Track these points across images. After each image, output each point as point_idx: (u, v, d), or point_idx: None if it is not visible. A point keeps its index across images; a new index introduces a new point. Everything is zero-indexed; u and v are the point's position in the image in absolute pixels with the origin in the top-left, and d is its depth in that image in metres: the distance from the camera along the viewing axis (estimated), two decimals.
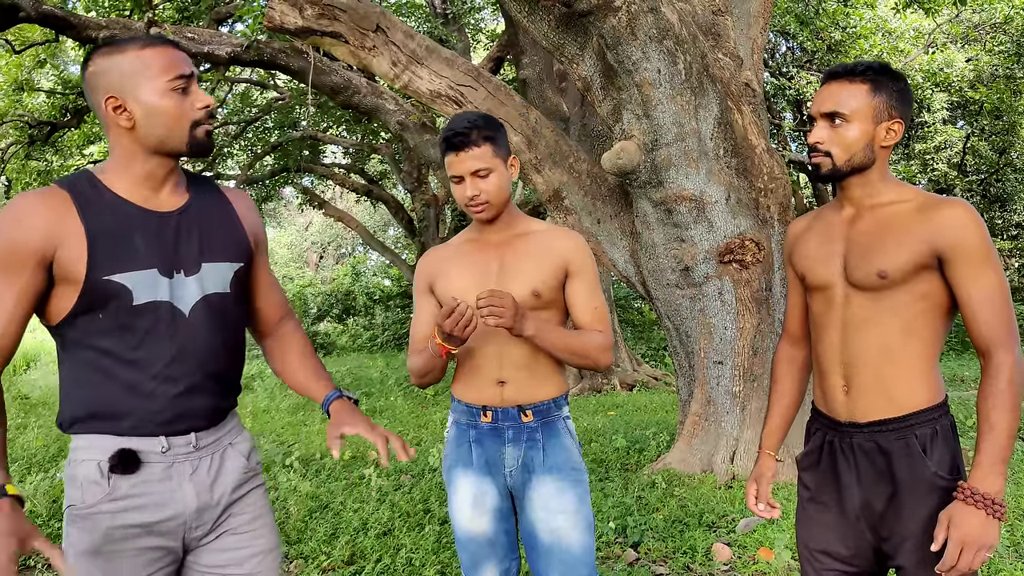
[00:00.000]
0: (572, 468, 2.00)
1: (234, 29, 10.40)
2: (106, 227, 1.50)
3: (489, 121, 1.99)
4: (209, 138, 1.58)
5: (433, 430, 6.78)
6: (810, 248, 1.80)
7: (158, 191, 1.58)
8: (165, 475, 1.54)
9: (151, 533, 1.52)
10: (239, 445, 1.68)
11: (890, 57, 13.39)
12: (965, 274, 1.58)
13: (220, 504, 1.60)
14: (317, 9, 4.76)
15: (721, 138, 4.54)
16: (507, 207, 2.04)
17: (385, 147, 13.03)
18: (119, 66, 1.51)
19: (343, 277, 21.15)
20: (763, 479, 1.96)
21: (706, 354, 4.79)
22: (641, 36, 4.08)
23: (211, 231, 1.62)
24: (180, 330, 1.54)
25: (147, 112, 1.52)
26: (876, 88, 1.66)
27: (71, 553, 1.50)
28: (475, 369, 2.03)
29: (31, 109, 10.79)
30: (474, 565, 2.05)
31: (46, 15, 6.96)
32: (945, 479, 1.61)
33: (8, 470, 1.42)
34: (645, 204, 4.71)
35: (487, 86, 5.14)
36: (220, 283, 1.61)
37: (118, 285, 1.48)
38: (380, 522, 3.96)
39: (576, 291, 2.02)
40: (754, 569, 3.36)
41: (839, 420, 1.73)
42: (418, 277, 2.15)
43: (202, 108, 1.56)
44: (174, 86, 1.52)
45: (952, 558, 1.53)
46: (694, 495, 4.30)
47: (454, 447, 2.09)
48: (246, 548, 1.64)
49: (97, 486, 1.50)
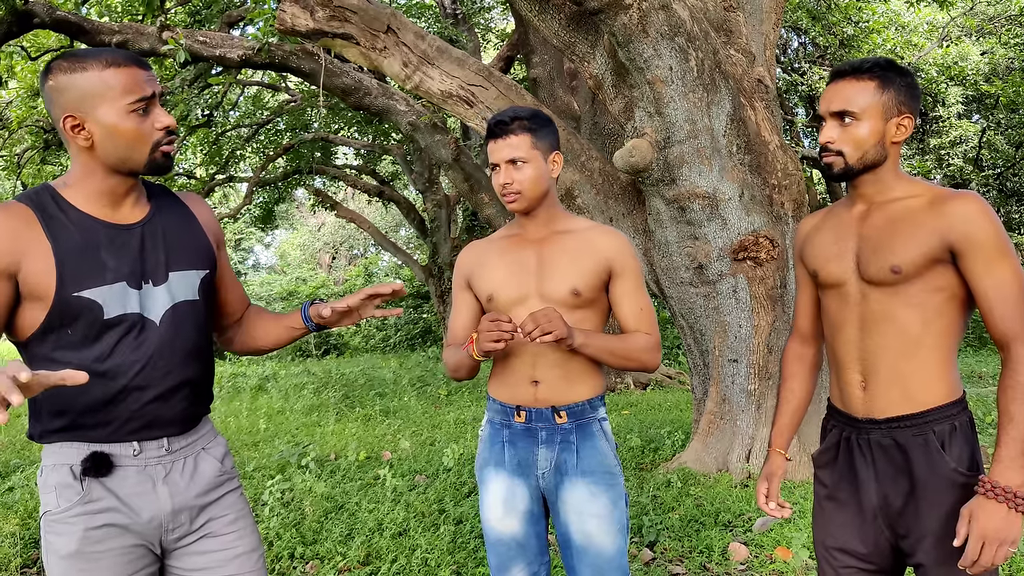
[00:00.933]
0: (606, 472, 1.97)
1: (245, 32, 10.44)
2: (73, 242, 1.50)
3: (535, 115, 1.97)
4: (168, 159, 1.56)
5: (447, 430, 6.78)
6: (822, 245, 1.79)
7: (119, 205, 1.58)
8: (138, 478, 1.55)
9: (129, 531, 1.54)
10: (213, 449, 1.69)
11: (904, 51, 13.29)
12: (979, 267, 1.57)
13: (195, 506, 1.62)
14: (328, 11, 4.77)
15: (734, 135, 4.52)
16: (546, 202, 2.01)
17: (396, 148, 13.04)
18: (79, 84, 1.49)
19: (355, 278, 21.20)
20: (774, 478, 1.95)
21: (721, 352, 4.76)
22: (652, 33, 4.06)
23: (176, 240, 1.64)
24: (150, 339, 1.56)
25: (106, 133, 1.50)
26: (884, 84, 1.65)
27: (53, 560, 1.51)
28: (509, 368, 2.01)
29: (46, 115, 10.86)
30: (502, 567, 2.04)
31: (60, 21, 7.01)
32: (964, 475, 1.60)
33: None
34: (658, 202, 4.69)
35: (498, 86, 5.13)
36: (189, 291, 1.63)
37: (88, 301, 1.49)
38: (395, 522, 3.96)
39: (621, 292, 1.99)
40: (771, 568, 3.34)
41: (856, 417, 1.72)
42: (456, 272, 2.14)
43: (162, 128, 1.54)
44: (134, 108, 1.50)
45: (974, 553, 1.51)
46: (710, 494, 4.28)
47: (487, 446, 2.07)
48: (229, 549, 1.66)
49: (71, 489, 1.51)
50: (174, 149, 1.59)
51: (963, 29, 14.44)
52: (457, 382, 2.31)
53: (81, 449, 1.52)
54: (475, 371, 2.04)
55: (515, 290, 1.99)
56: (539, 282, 1.97)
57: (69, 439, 1.53)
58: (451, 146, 7.79)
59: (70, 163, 1.57)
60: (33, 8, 6.81)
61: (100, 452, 1.52)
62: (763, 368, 4.68)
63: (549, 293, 1.96)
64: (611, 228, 2.05)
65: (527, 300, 1.98)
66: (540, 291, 1.97)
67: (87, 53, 1.51)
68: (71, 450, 1.53)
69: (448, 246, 13.13)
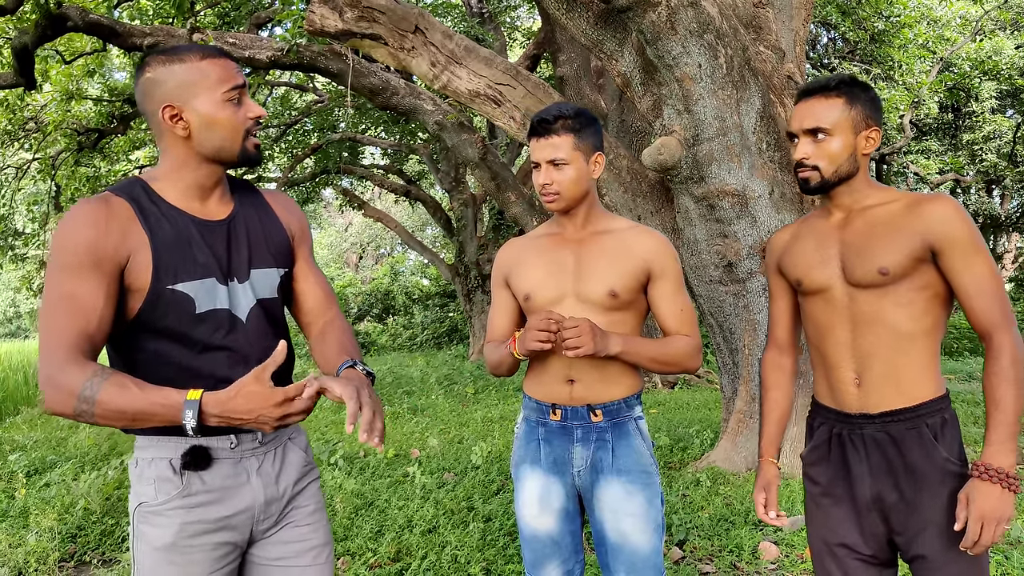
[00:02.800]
0: (641, 471, 1.96)
1: (273, 33, 10.54)
2: (167, 236, 1.53)
3: (581, 114, 1.96)
4: (258, 150, 1.62)
5: (475, 428, 6.80)
6: (803, 254, 1.86)
7: (207, 199, 1.61)
8: (234, 470, 1.58)
9: (223, 528, 1.56)
10: (297, 440, 1.73)
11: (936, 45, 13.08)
12: (958, 264, 1.66)
13: (284, 496, 1.66)
14: (357, 12, 4.81)
15: (764, 132, 4.48)
16: (586, 202, 2.00)
17: (423, 147, 13.10)
18: (177, 75, 1.53)
19: (382, 277, 21.34)
20: (771, 487, 1.98)
21: (750, 351, 4.73)
22: (681, 31, 4.04)
23: (258, 238, 1.66)
24: (239, 336, 1.58)
25: (204, 122, 1.54)
26: (851, 100, 1.75)
27: (145, 549, 1.53)
28: (545, 366, 2.01)
29: (79, 117, 11.05)
30: (537, 563, 2.04)
31: (93, 24, 7.13)
32: (956, 464, 1.68)
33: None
34: (687, 200, 4.67)
35: (526, 84, 5.14)
36: (269, 289, 1.66)
37: (181, 294, 1.52)
38: (425, 519, 3.98)
39: (660, 294, 1.98)
40: (802, 568, 3.31)
41: (849, 412, 1.77)
42: (495, 269, 2.14)
43: (252, 118, 1.59)
44: (230, 97, 1.55)
45: (974, 534, 1.58)
46: (740, 493, 4.26)
47: (523, 443, 2.07)
48: (305, 541, 1.68)
49: (170, 483, 1.53)
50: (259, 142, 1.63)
51: (997, 23, 14.18)
52: (496, 378, 2.36)
53: (179, 443, 1.53)
54: (515, 368, 2.04)
55: (552, 290, 1.98)
56: (576, 283, 1.96)
57: (164, 432, 1.54)
58: (478, 145, 7.81)
59: (160, 157, 1.60)
60: (67, 12, 6.93)
61: (200, 446, 1.54)
62: None
63: (586, 294, 1.95)
64: (651, 229, 2.03)
65: (564, 300, 1.97)
66: (577, 292, 1.96)
67: (180, 47, 1.55)
68: (169, 444, 1.54)
69: (474, 245, 13.16)
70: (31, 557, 3.65)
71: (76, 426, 7.50)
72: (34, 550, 3.70)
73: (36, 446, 6.43)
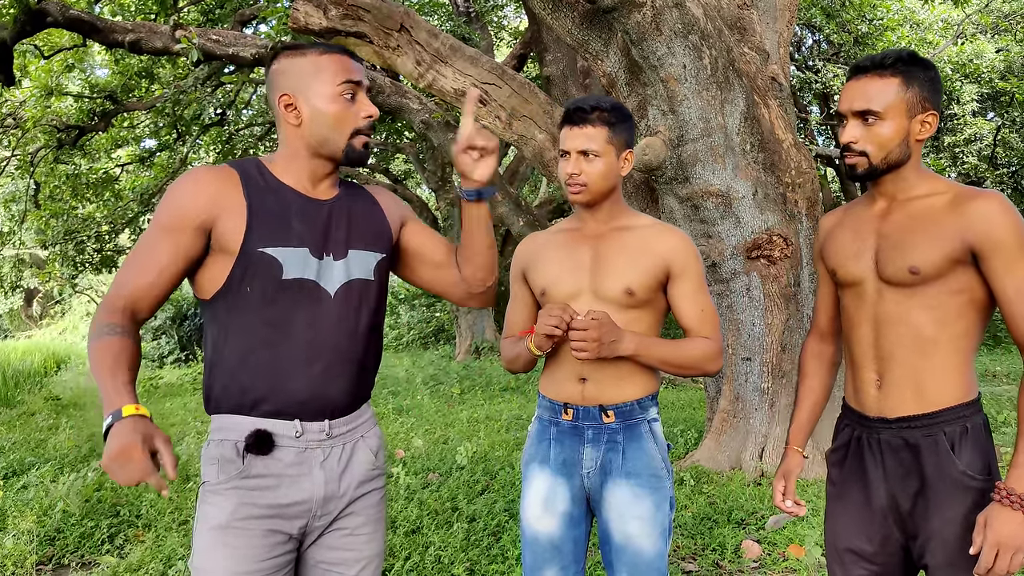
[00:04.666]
0: (651, 475, 1.92)
1: (258, 31, 10.48)
2: (266, 205, 1.58)
3: (617, 108, 1.93)
4: (367, 149, 1.64)
5: (460, 428, 6.79)
6: (841, 243, 1.76)
7: (316, 185, 1.67)
8: (297, 459, 1.57)
9: (278, 516, 1.56)
10: (370, 440, 1.70)
11: (918, 49, 13.19)
12: (1000, 268, 1.53)
13: (345, 496, 1.64)
14: (341, 10, 4.78)
15: (748, 133, 4.50)
16: (610, 198, 1.97)
17: (409, 146, 13.07)
18: (297, 67, 1.61)
19: None
20: (791, 475, 1.94)
21: (734, 351, 4.75)
22: (666, 31, 4.05)
23: (359, 221, 1.69)
24: (323, 310, 1.59)
25: (314, 113, 1.60)
26: (908, 80, 1.59)
27: (202, 529, 1.54)
28: (558, 364, 1.98)
29: (59, 113, 10.93)
30: (535, 567, 2.00)
31: (73, 20, 7.06)
32: (976, 479, 1.57)
33: (136, 397, 1.40)
34: (671, 200, 4.68)
35: (511, 83, 5.13)
36: (365, 270, 1.67)
37: (270, 257, 1.55)
38: (409, 520, 3.97)
39: (681, 293, 1.93)
40: (784, 566, 3.32)
41: (868, 416, 1.70)
42: (514, 263, 2.11)
43: (365, 117, 1.62)
44: (342, 91, 1.60)
45: (988, 561, 1.49)
46: (723, 492, 4.27)
47: (535, 442, 2.04)
48: (358, 551, 1.67)
49: (232, 464, 1.55)
50: (370, 141, 1.65)
51: (978, 26, 14.32)
52: (511, 373, 2.36)
53: (247, 423, 1.55)
54: (532, 364, 2.02)
55: (569, 286, 1.95)
56: (593, 279, 1.93)
57: (237, 410, 1.56)
58: None
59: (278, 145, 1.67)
60: (46, 7, 6.85)
61: (263, 430, 1.54)
62: (776, 367, 4.66)
63: (603, 291, 1.92)
64: (673, 227, 1.98)
65: (580, 297, 1.94)
66: (594, 288, 1.93)
67: (309, 44, 1.64)
68: (236, 425, 1.56)
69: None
70: (8, 560, 3.60)
71: (56, 427, 7.41)
72: (11, 553, 3.65)
73: (14, 447, 6.35)
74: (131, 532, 3.97)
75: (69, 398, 9.61)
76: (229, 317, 1.56)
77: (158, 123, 11.37)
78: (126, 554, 3.72)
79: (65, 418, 7.98)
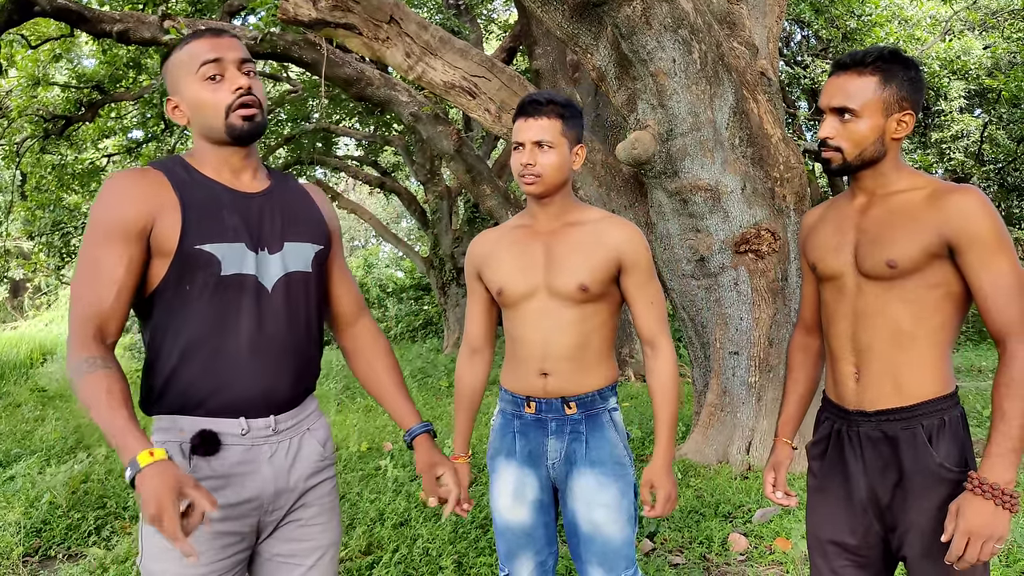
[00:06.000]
0: (615, 462, 1.97)
1: (247, 22, 10.41)
2: (198, 201, 1.54)
3: (569, 103, 1.97)
4: (248, 121, 1.56)
5: (448, 422, 6.80)
6: (823, 238, 1.78)
7: (239, 175, 1.63)
8: (244, 458, 1.55)
9: (229, 517, 1.54)
10: (317, 432, 1.69)
11: (906, 45, 13.26)
12: (977, 262, 1.55)
13: (296, 490, 1.63)
14: (331, 1, 4.76)
15: (737, 127, 4.52)
16: (561, 192, 1.99)
17: (398, 139, 13.03)
18: (170, 68, 1.59)
19: (356, 269, 21.20)
20: (780, 467, 1.96)
21: (721, 345, 4.77)
22: (656, 25, 4.06)
23: (293, 213, 1.67)
24: (263, 305, 1.57)
25: (190, 105, 1.57)
26: (886, 79, 1.61)
27: (150, 534, 1.51)
28: (520, 359, 2.00)
29: (46, 103, 10.84)
30: (510, 555, 2.05)
31: (61, 9, 7.00)
32: (952, 471, 1.59)
33: (142, 435, 1.39)
34: (660, 194, 4.70)
35: (501, 76, 5.13)
36: (302, 262, 1.64)
37: (208, 254, 1.51)
38: (396, 512, 3.97)
39: (630, 285, 1.97)
40: (771, 559, 3.35)
41: (848, 409, 1.72)
42: (467, 263, 2.13)
43: (235, 91, 1.55)
44: (204, 73, 1.54)
45: (959, 548, 1.51)
46: (710, 485, 4.30)
47: (499, 436, 2.08)
48: (314, 540, 1.67)
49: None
50: (255, 112, 1.57)
51: (966, 23, 14.40)
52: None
53: (189, 425, 1.52)
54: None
55: (523, 284, 1.98)
56: (547, 276, 1.95)
57: (179, 410, 1.53)
58: (453, 137, 7.78)
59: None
60: None
61: (209, 430, 1.52)
62: (764, 361, 4.69)
63: (557, 288, 1.94)
64: (622, 219, 2.02)
65: (536, 294, 1.97)
66: (548, 285, 1.95)
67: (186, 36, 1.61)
68: (180, 426, 1.53)
69: (449, 237, 13.13)
70: None
71: (42, 419, 7.37)
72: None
73: (0, 439, 6.32)
74: (118, 524, 3.96)
75: (55, 389, 9.55)
76: (167, 316, 1.53)
77: (146, 113, 11.29)
78: (113, 546, 3.71)
79: (51, 410, 7.93)
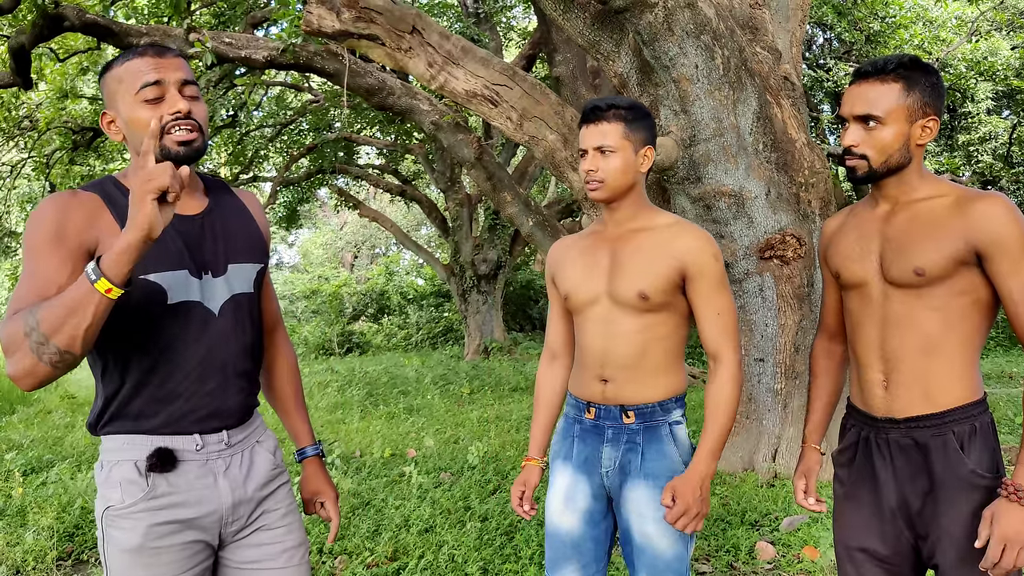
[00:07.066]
0: (671, 477, 1.90)
1: (270, 33, 10.53)
2: None
3: (633, 106, 1.93)
4: (185, 146, 1.52)
5: (470, 428, 6.81)
6: (845, 245, 1.78)
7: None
8: (200, 472, 1.57)
9: (191, 527, 1.56)
10: (266, 443, 1.73)
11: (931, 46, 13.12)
12: (1005, 269, 1.55)
13: (253, 499, 1.65)
14: (354, 12, 4.80)
15: (760, 132, 4.50)
16: (630, 196, 1.95)
17: (418, 147, 13.09)
18: (108, 83, 1.55)
19: (377, 277, 21.30)
20: (811, 473, 1.95)
21: (747, 351, 4.74)
22: (678, 31, 4.05)
23: (233, 232, 1.66)
24: (210, 330, 1.58)
25: (125, 125, 1.54)
26: (909, 86, 1.62)
27: (115, 552, 1.53)
28: (583, 364, 1.99)
29: (75, 115, 11.01)
30: (555, 564, 2.01)
31: (89, 24, 7.11)
32: (984, 477, 1.59)
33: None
34: (683, 200, 4.68)
35: (522, 85, 5.15)
36: (245, 283, 1.65)
37: (154, 285, 1.51)
38: (422, 519, 3.99)
39: (696, 294, 1.89)
40: (799, 568, 3.32)
41: (876, 416, 1.72)
42: (546, 269, 2.15)
43: (172, 114, 1.50)
44: (142, 96, 1.50)
45: (995, 555, 1.51)
46: (736, 493, 4.27)
47: (560, 438, 2.07)
48: (279, 543, 1.69)
49: (135, 485, 1.52)
50: (193, 137, 1.52)
51: (993, 23, 14.22)
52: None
53: (144, 443, 1.53)
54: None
55: (588, 291, 1.97)
56: (610, 283, 1.93)
57: (131, 430, 1.54)
58: (473, 145, 7.80)
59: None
60: (64, 11, 6.91)
61: (164, 448, 1.53)
62: (790, 367, 4.65)
63: (618, 295, 1.92)
64: (693, 226, 1.94)
65: (599, 301, 1.95)
66: (610, 292, 1.93)
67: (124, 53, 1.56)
68: (134, 445, 1.54)
69: (470, 245, 13.16)
70: (29, 556, 3.65)
71: (72, 425, 7.48)
72: (32, 549, 3.70)
73: (33, 445, 6.41)
74: None
75: (84, 396, 9.69)
76: (116, 345, 1.51)
77: None
78: None
79: (81, 416, 8.05)
